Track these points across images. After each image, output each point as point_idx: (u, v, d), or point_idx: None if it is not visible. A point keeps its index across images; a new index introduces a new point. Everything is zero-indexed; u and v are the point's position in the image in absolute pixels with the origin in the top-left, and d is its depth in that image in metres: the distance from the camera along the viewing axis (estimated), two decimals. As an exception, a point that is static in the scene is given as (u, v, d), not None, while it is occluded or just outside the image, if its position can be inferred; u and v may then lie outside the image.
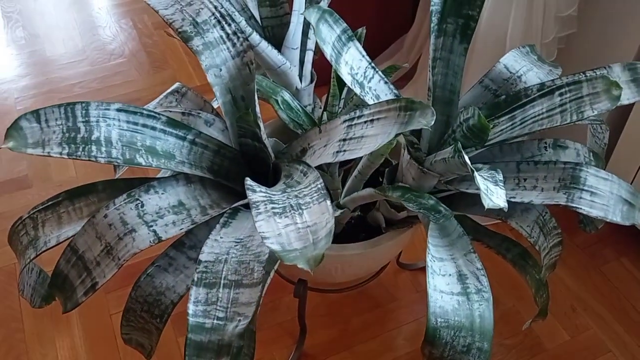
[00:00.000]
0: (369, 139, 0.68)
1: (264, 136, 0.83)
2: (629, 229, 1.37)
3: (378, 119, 0.69)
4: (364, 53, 0.79)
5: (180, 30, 0.81)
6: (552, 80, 0.83)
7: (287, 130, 0.98)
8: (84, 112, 0.71)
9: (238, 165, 0.86)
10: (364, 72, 0.79)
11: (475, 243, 0.95)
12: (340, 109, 1.05)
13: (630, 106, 1.23)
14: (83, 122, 0.71)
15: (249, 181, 0.67)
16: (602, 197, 0.74)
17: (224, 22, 0.83)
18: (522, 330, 1.22)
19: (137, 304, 0.82)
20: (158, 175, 0.84)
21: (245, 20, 0.97)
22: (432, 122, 0.61)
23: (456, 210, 0.86)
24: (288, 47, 1.02)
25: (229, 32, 0.83)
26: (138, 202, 0.75)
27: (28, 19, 2.23)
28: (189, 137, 0.80)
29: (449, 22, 0.81)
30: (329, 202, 0.59)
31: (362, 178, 0.87)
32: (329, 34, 0.74)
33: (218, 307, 0.66)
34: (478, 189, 0.58)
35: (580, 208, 0.73)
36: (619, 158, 1.29)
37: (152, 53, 2.03)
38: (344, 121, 0.74)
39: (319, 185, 0.63)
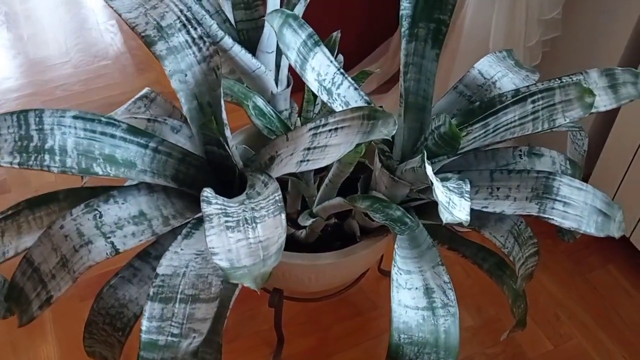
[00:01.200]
0: (332, 149, 0.66)
1: (231, 144, 0.81)
2: (616, 235, 1.34)
3: (342, 127, 0.67)
4: (332, 58, 0.76)
5: (143, 34, 0.79)
6: (527, 86, 0.81)
7: (262, 136, 0.96)
8: (37, 119, 0.68)
9: (205, 174, 0.84)
10: (332, 78, 0.77)
11: (451, 252, 0.93)
12: (314, 115, 1.02)
13: (614, 113, 1.21)
14: (36, 130, 0.68)
15: (205, 192, 0.64)
16: (575, 207, 0.72)
17: (189, 26, 0.81)
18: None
19: (99, 317, 0.80)
20: (127, 184, 0.82)
21: (218, 24, 0.94)
22: (394, 132, 0.59)
23: (430, 220, 0.84)
24: (263, 51, 1.00)
25: (195, 36, 0.81)
26: (96, 212, 0.72)
27: (13, 21, 2.21)
28: (152, 144, 0.77)
29: (421, 26, 0.79)
30: (283, 215, 0.56)
31: (334, 186, 0.85)
32: (293, 39, 0.71)
33: (173, 323, 0.63)
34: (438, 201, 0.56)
35: (553, 219, 0.71)
36: (604, 165, 1.26)
37: (136, 55, 2.00)
38: (310, 129, 0.72)
39: (277, 197, 0.60)
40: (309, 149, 0.69)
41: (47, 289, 0.71)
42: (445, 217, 0.54)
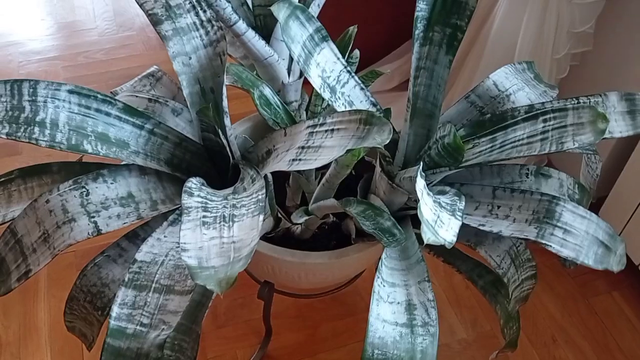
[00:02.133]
0: (326, 150, 0.63)
1: (229, 132, 0.79)
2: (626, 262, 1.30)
3: (338, 129, 0.64)
4: (340, 55, 0.74)
5: (150, 12, 0.77)
6: (543, 103, 0.77)
7: (269, 126, 0.94)
8: (31, 90, 0.67)
9: (201, 160, 0.82)
10: (338, 76, 0.74)
11: (447, 266, 0.90)
12: (322, 110, 1.00)
13: (636, 139, 1.16)
14: (29, 101, 0.67)
15: (190, 183, 0.62)
16: (576, 236, 0.68)
17: (198, 8, 0.78)
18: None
19: (80, 293, 0.79)
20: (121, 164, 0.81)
21: (234, 7, 0.92)
22: (387, 141, 0.56)
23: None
24: (277, 39, 0.97)
25: (204, 19, 0.79)
26: (84, 190, 0.71)
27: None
28: (147, 126, 0.75)
29: (436, 30, 0.76)
30: (261, 217, 0.54)
31: (330, 186, 0.82)
32: (299, 32, 0.69)
33: (144, 313, 0.62)
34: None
35: (550, 246, 0.68)
36: (620, 189, 1.22)
37: (162, 28, 1.99)
38: (308, 127, 0.69)
39: (260, 196, 0.58)
40: (303, 147, 0.67)
41: (27, 263, 0.70)
42: (428, 237, 0.51)
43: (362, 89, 0.76)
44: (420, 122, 0.82)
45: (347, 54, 0.97)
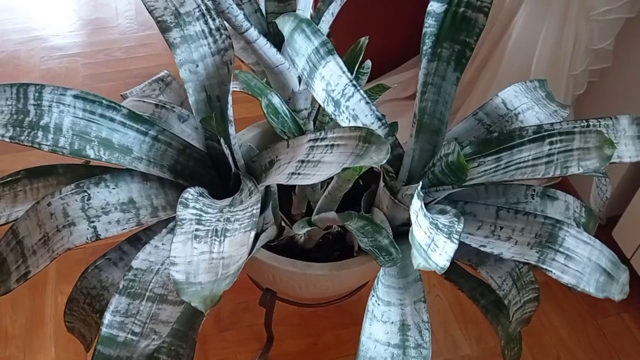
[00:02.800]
0: (324, 166, 0.63)
1: (233, 141, 0.79)
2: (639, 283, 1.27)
3: (338, 145, 0.64)
4: (345, 69, 0.73)
5: (159, 19, 0.77)
6: (551, 124, 0.75)
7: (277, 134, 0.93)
8: (37, 94, 0.68)
9: (205, 168, 0.82)
10: (343, 90, 0.73)
11: (450, 284, 0.89)
12: (329, 121, 0.99)
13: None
14: (34, 105, 0.68)
15: (187, 193, 0.62)
16: (578, 262, 0.67)
17: (208, 16, 0.79)
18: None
19: (80, 295, 0.80)
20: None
21: (247, 14, 0.92)
22: (384, 161, 0.56)
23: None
24: (288, 47, 0.97)
25: (212, 27, 0.79)
26: (85, 194, 0.72)
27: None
28: (151, 132, 0.76)
29: (445, 46, 0.75)
30: (253, 233, 0.54)
31: (332, 199, 0.82)
32: (304, 45, 0.68)
33: (136, 321, 0.62)
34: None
35: (551, 271, 0.66)
36: (634, 212, 1.19)
37: (182, 28, 2.00)
38: (309, 140, 0.69)
39: (255, 211, 0.58)
40: (303, 161, 0.66)
41: (27, 264, 0.71)
42: (418, 262, 0.51)
43: (367, 102, 0.76)
44: (427, 137, 0.81)
45: (358, 64, 0.96)
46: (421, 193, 0.62)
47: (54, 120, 0.68)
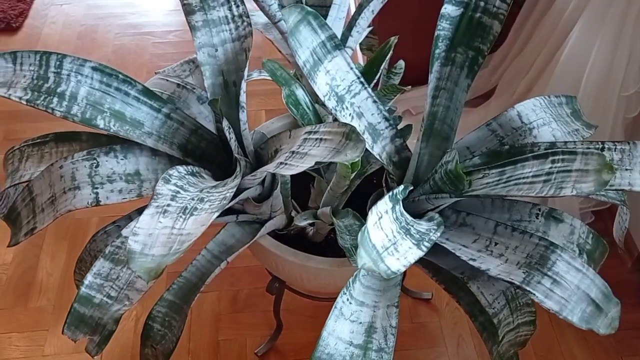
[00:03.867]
0: (309, 159, 0.63)
1: (242, 127, 0.81)
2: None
3: (326, 139, 0.64)
4: (353, 66, 0.73)
5: (185, 1, 0.80)
6: (565, 142, 0.72)
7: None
8: (58, 63, 0.72)
9: (216, 150, 0.85)
10: (349, 86, 0.73)
11: (449, 296, 0.87)
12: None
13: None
14: (54, 72, 0.72)
15: (173, 170, 0.65)
16: (564, 289, 0.64)
17: (232, 3, 0.80)
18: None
19: (88, 257, 0.84)
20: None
21: (279, 4, 0.94)
22: (357, 160, 0.55)
23: (425, 255, 0.79)
24: (322, 40, 0.98)
25: (235, 14, 0.81)
26: (94, 161, 0.76)
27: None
28: (164, 110, 0.79)
29: (459, 51, 0.73)
30: (215, 215, 0.55)
31: (334, 194, 0.82)
32: (310, 37, 0.69)
33: (114, 286, 0.65)
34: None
35: (534, 294, 0.63)
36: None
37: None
38: (305, 132, 0.69)
39: (228, 194, 0.59)
40: (293, 152, 0.67)
41: (35, 220, 0.76)
42: (363, 262, 0.50)
43: (374, 101, 0.75)
44: (437, 143, 0.79)
45: (386, 63, 0.95)
46: (399, 196, 0.61)
47: (71, 89, 0.72)
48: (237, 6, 0.81)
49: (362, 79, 0.74)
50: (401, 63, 0.97)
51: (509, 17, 1.47)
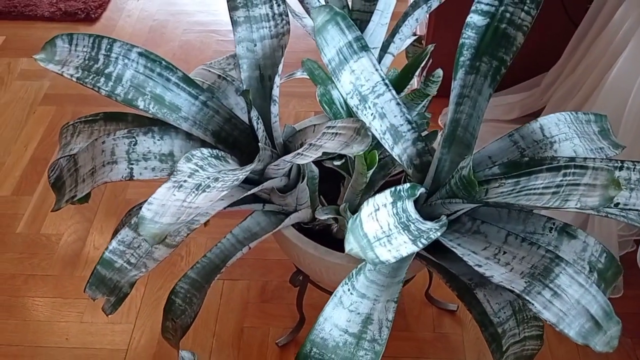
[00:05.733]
0: (320, 150, 0.66)
1: (273, 119, 0.85)
2: None
3: (340, 134, 0.67)
4: (379, 67, 0.76)
5: (231, -2, 0.85)
6: (584, 158, 0.72)
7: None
8: (108, 46, 0.79)
9: (248, 139, 0.89)
10: (374, 86, 0.76)
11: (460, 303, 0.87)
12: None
13: None
14: (104, 55, 0.79)
15: (198, 151, 0.69)
16: (564, 302, 0.64)
17: (274, 1, 0.85)
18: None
19: (121, 228, 0.90)
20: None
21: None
22: (358, 153, 0.58)
23: (436, 258, 0.80)
24: (364, 45, 1.01)
25: (276, 12, 0.85)
26: (133, 140, 0.81)
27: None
28: (201, 97, 0.84)
29: (484, 60, 0.74)
30: (224, 193, 0.59)
31: (354, 192, 0.84)
32: (337, 37, 0.72)
33: (134, 253, 0.71)
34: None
35: (533, 304, 0.64)
36: None
37: (312, 21, 2.10)
38: (326, 127, 0.73)
39: (240, 177, 0.63)
40: (311, 144, 0.70)
41: (76, 189, 0.82)
42: (350, 247, 0.52)
43: (398, 104, 0.77)
44: (459, 150, 0.81)
45: (422, 70, 0.97)
46: (403, 193, 0.63)
47: (117, 71, 0.79)
48: (278, 5, 0.85)
49: (387, 81, 0.76)
50: (439, 72, 0.99)
51: (564, 36, 1.46)
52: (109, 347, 1.21)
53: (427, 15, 1.61)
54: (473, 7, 0.72)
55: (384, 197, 0.59)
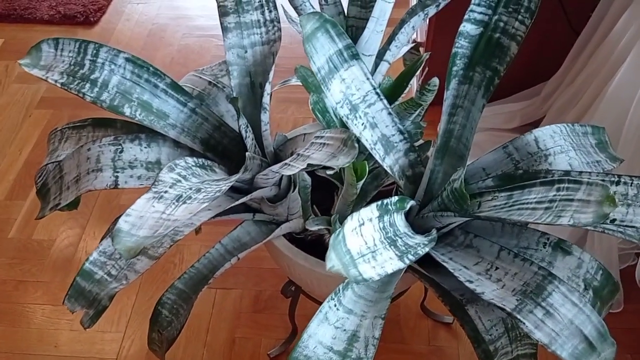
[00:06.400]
0: (308, 161, 0.64)
1: (263, 127, 0.83)
2: None
3: (328, 144, 0.65)
4: (370, 77, 0.74)
5: (221, 3, 0.83)
6: (580, 172, 0.70)
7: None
8: (94, 51, 0.77)
9: (238, 147, 0.87)
10: (364, 96, 0.74)
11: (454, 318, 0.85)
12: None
13: None
14: (90, 60, 0.77)
15: (183, 160, 0.67)
16: (557, 322, 0.61)
17: (266, 7, 0.83)
18: None
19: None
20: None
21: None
22: (343, 165, 0.56)
23: (428, 271, 0.78)
24: (359, 52, 0.99)
25: (267, 18, 0.83)
26: (119, 147, 0.80)
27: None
28: (190, 104, 0.82)
29: (477, 70, 0.72)
30: (204, 205, 0.57)
31: (345, 202, 0.82)
32: (327, 44, 0.70)
33: (115, 265, 0.69)
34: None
35: (524, 323, 0.62)
36: None
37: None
38: (315, 136, 0.71)
39: (223, 188, 0.61)
40: (299, 154, 0.69)
41: (60, 197, 0.81)
42: (332, 264, 0.50)
43: (389, 114, 0.75)
44: (452, 162, 0.79)
45: (417, 78, 0.95)
46: (391, 207, 0.61)
47: (103, 77, 0.77)
48: (270, 11, 0.84)
49: (378, 90, 0.74)
50: (435, 80, 0.97)
51: (565, 45, 1.43)
52: (98, 356, 1.19)
53: (427, 22, 1.59)
54: (466, 16, 0.70)
55: (370, 211, 0.57)
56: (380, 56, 1.01)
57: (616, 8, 1.23)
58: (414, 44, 1.21)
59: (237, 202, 0.78)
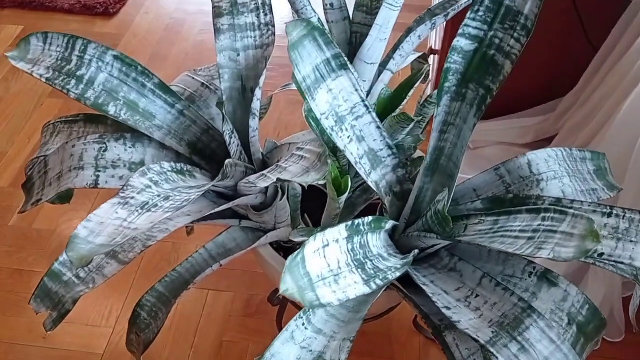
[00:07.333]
0: (284, 174, 0.62)
1: (252, 133, 0.81)
2: None
3: (306, 157, 0.63)
4: (359, 88, 0.71)
5: (216, 4, 0.82)
6: (572, 200, 0.66)
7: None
8: (83, 47, 0.76)
9: (226, 151, 0.85)
10: (352, 108, 0.71)
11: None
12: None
13: None
14: (78, 56, 0.76)
15: (158, 165, 0.66)
16: (531, 358, 0.58)
17: (261, 10, 0.82)
18: None
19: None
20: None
21: (329, 20, 0.94)
22: (313, 182, 0.54)
23: (409, 290, 0.75)
24: (361, 60, 0.96)
25: (262, 22, 0.82)
26: (103, 145, 0.79)
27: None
28: (178, 106, 0.81)
29: (471, 88, 0.69)
30: (168, 215, 0.55)
31: (329, 215, 0.80)
32: (314, 53, 0.68)
33: (85, 268, 0.67)
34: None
35: (497, 358, 0.59)
36: None
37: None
38: (297, 147, 0.69)
39: (191, 197, 0.60)
40: (278, 166, 0.67)
41: (42, 193, 0.80)
42: (285, 288, 0.48)
43: (378, 127, 0.73)
44: (442, 180, 0.76)
45: (415, 89, 0.92)
46: (363, 227, 0.59)
47: (90, 74, 0.76)
48: (266, 14, 0.82)
49: (367, 102, 0.72)
50: (436, 93, 0.94)
51: (584, 61, 1.38)
52: (85, 350, 1.18)
53: (443, 30, 1.55)
54: (460, 31, 0.67)
55: (338, 232, 0.54)
56: (383, 65, 0.99)
57: (637, 25, 1.18)
58: (421, 53, 1.18)
59: (219, 209, 0.76)
